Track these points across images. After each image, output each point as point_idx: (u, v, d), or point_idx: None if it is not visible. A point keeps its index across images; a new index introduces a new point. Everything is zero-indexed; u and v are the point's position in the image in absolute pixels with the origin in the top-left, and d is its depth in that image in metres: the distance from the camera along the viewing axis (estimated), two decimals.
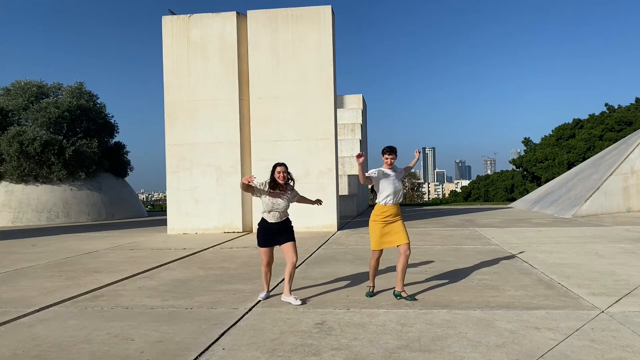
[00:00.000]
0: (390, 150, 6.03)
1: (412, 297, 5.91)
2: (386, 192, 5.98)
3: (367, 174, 5.96)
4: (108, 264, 9.22)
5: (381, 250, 6.12)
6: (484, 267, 7.90)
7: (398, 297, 5.97)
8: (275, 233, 5.96)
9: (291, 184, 6.06)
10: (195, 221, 14.93)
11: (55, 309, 5.92)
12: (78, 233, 16.06)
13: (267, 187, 5.90)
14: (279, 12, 15.13)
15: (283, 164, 5.96)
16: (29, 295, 6.66)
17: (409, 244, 5.99)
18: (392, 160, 6.02)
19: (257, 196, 5.98)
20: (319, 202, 6.40)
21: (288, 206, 6.00)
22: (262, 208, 5.98)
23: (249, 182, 5.75)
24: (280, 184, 5.89)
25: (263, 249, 6.06)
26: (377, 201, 6.09)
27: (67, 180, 22.87)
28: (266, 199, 5.91)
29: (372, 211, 6.13)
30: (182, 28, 15.26)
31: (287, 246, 5.93)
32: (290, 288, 5.96)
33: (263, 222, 6.03)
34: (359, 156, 5.70)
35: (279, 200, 5.89)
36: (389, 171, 6.04)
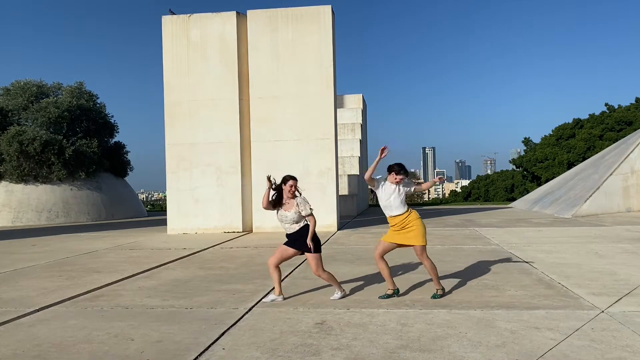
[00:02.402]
0: (400, 170, 5.78)
1: (437, 295, 5.94)
2: (381, 204, 5.96)
3: (374, 177, 5.90)
4: (108, 264, 9.22)
5: (386, 245, 5.95)
6: (484, 267, 7.90)
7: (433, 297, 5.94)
8: (294, 239, 5.85)
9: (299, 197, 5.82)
10: (195, 221, 14.93)
11: (55, 309, 5.92)
12: (78, 233, 16.06)
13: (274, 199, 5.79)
14: (279, 12, 15.12)
15: (295, 178, 5.80)
16: (29, 295, 6.65)
17: (422, 247, 5.83)
18: (400, 180, 5.78)
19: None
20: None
21: (296, 217, 5.75)
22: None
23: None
24: (289, 197, 5.75)
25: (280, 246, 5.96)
26: None
27: (67, 180, 22.87)
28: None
29: None
30: (182, 28, 15.25)
31: (308, 258, 5.88)
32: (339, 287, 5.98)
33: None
34: (383, 149, 5.66)
35: (286, 213, 5.79)
36: (388, 185, 5.87)
